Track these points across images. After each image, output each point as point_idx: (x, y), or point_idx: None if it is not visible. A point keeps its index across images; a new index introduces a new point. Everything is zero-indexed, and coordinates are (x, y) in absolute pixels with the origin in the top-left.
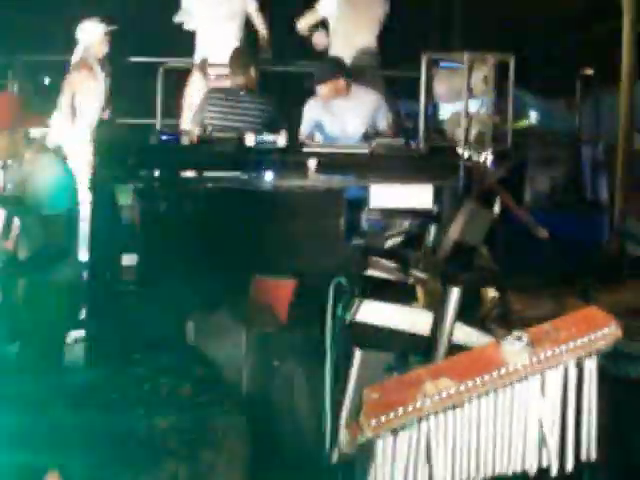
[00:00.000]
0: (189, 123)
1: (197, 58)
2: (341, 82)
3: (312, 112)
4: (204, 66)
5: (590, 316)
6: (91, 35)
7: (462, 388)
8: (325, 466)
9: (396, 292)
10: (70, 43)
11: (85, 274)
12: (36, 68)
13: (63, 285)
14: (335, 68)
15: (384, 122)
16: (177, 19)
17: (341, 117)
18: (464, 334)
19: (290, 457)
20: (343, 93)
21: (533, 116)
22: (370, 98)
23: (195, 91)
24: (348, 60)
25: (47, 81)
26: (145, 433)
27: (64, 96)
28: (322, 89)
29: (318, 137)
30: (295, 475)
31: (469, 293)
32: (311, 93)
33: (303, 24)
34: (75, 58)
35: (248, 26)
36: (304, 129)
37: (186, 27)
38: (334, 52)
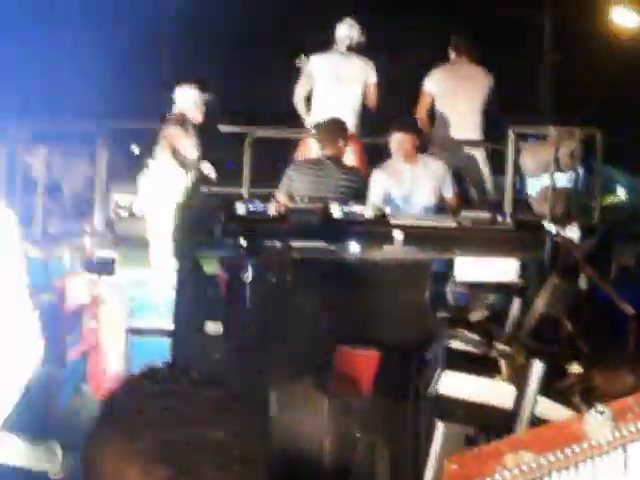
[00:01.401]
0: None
1: (309, 123)
2: (411, 138)
3: (379, 181)
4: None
5: None
6: (187, 100)
7: (542, 461)
8: None
9: (480, 365)
10: (161, 111)
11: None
12: (125, 135)
13: None
14: (409, 123)
15: (450, 192)
16: (299, 64)
17: (410, 184)
18: (547, 408)
19: None
20: (411, 153)
21: (621, 192)
22: (437, 166)
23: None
24: (453, 133)
25: (137, 150)
26: None
27: (161, 148)
28: (396, 140)
29: (386, 206)
30: None
31: (552, 367)
32: None
33: (420, 110)
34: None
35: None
36: (374, 198)
37: (298, 90)
38: (438, 127)
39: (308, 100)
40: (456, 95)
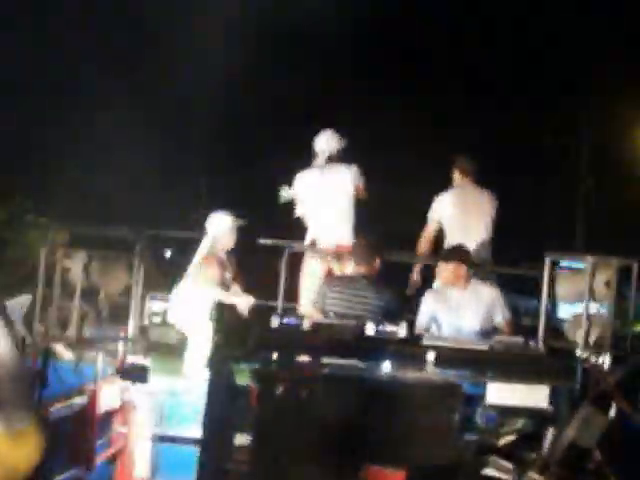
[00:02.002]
0: (306, 306)
1: (308, 240)
2: (463, 269)
3: (429, 303)
4: (313, 249)
5: None
6: (220, 227)
7: None
8: None
9: None
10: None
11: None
12: (159, 242)
13: None
14: (462, 253)
15: (500, 317)
16: (283, 198)
17: (457, 310)
18: None
19: None
20: (462, 281)
21: None
22: (487, 292)
23: (307, 275)
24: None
25: (168, 254)
26: None
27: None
28: (444, 269)
29: (434, 329)
30: None
31: None
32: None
33: (424, 240)
34: (203, 249)
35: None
36: (421, 320)
37: (298, 213)
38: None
39: None
40: (467, 217)
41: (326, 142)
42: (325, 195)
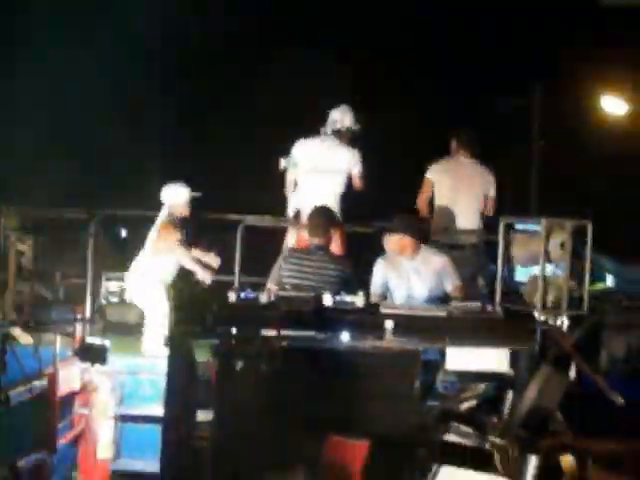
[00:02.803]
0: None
1: (291, 211)
2: (407, 239)
3: (381, 270)
4: (297, 218)
5: None
6: (175, 198)
7: None
8: None
9: (474, 458)
10: (149, 200)
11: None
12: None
13: None
14: (405, 224)
15: (450, 285)
16: (282, 165)
17: (407, 277)
18: None
19: None
20: (409, 251)
21: (610, 280)
22: (437, 260)
23: (291, 245)
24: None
25: (124, 234)
26: None
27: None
28: (388, 241)
29: (388, 297)
30: None
31: (547, 459)
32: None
33: (422, 199)
34: (161, 217)
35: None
36: (374, 288)
37: (289, 177)
38: (438, 217)
39: None
40: (456, 188)
41: (341, 114)
42: (319, 167)
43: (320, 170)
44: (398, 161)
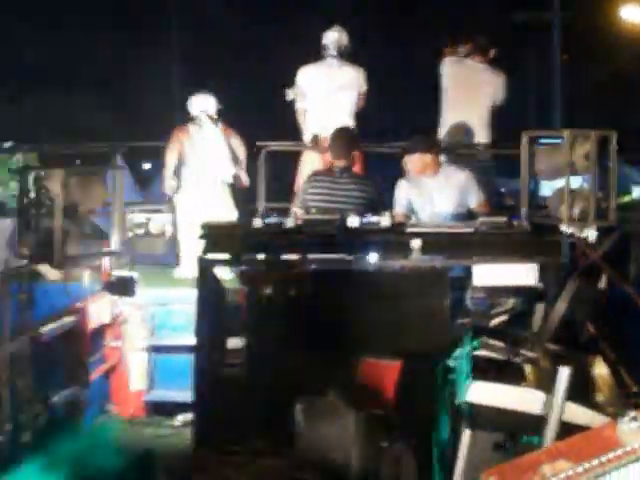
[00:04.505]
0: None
1: (307, 137)
2: (428, 157)
3: (403, 191)
4: (317, 143)
5: None
6: (205, 104)
7: (580, 470)
8: None
9: (505, 372)
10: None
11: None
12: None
13: None
14: (425, 143)
15: (474, 200)
16: (290, 96)
17: (430, 196)
18: (576, 413)
19: None
20: (430, 169)
21: (637, 190)
22: (459, 176)
23: (307, 163)
24: (457, 135)
25: (147, 167)
26: None
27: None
28: (409, 161)
29: (412, 216)
30: None
31: (580, 371)
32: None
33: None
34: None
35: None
36: (397, 208)
37: (298, 106)
38: (445, 124)
39: None
40: (460, 92)
41: (338, 34)
42: (330, 88)
43: (332, 91)
44: (415, 80)
